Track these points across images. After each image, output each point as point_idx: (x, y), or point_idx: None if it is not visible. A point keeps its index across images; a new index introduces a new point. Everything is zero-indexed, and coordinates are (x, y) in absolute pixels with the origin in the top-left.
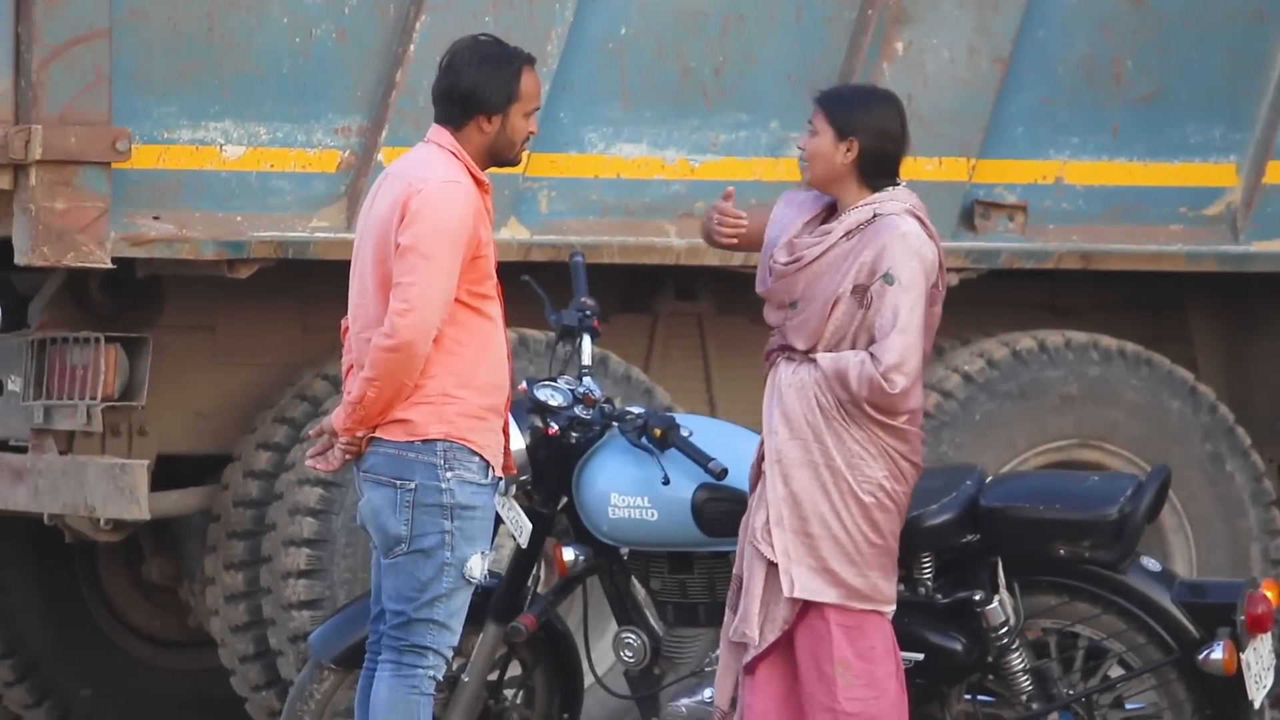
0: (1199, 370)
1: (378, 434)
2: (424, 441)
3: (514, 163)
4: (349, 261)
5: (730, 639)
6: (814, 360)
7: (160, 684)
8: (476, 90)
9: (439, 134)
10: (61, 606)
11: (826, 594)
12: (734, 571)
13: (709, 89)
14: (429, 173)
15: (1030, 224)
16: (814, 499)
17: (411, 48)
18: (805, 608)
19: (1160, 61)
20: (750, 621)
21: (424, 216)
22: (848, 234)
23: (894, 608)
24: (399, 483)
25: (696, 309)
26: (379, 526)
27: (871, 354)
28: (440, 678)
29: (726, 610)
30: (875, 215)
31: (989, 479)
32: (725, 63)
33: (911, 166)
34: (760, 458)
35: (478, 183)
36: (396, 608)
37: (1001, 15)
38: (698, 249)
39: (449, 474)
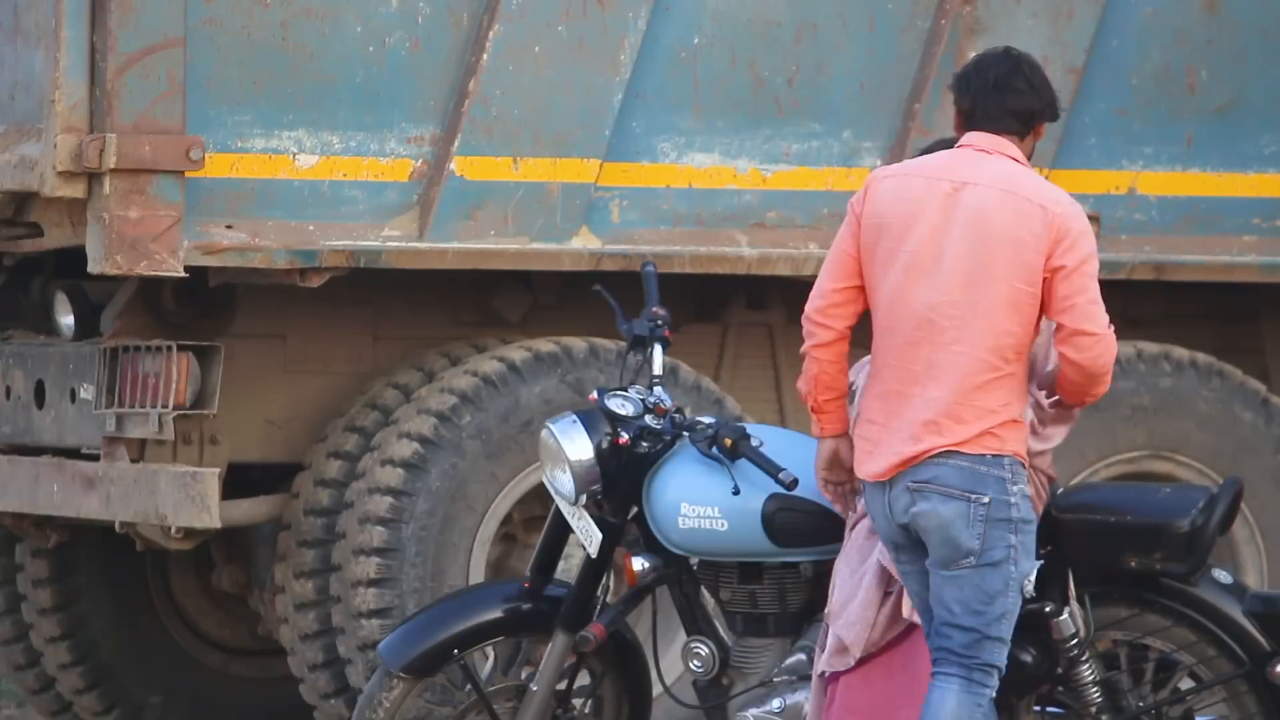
0: (1272, 382)
1: (951, 445)
2: (994, 455)
3: None
4: (420, 271)
5: (823, 668)
6: None
7: (229, 692)
8: (1054, 102)
9: (1007, 146)
10: (132, 614)
11: None
12: (827, 609)
13: (781, 98)
14: (1056, 194)
15: (1103, 234)
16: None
17: (485, 57)
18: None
19: (1235, 72)
20: (859, 641)
21: (1086, 238)
22: None
23: None
24: (972, 497)
25: (767, 319)
26: (947, 539)
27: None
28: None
29: (817, 650)
30: None
31: (1060, 490)
32: (798, 72)
33: None
34: None
35: None
36: (969, 623)
37: (1076, 25)
38: (769, 258)
39: (1015, 488)
